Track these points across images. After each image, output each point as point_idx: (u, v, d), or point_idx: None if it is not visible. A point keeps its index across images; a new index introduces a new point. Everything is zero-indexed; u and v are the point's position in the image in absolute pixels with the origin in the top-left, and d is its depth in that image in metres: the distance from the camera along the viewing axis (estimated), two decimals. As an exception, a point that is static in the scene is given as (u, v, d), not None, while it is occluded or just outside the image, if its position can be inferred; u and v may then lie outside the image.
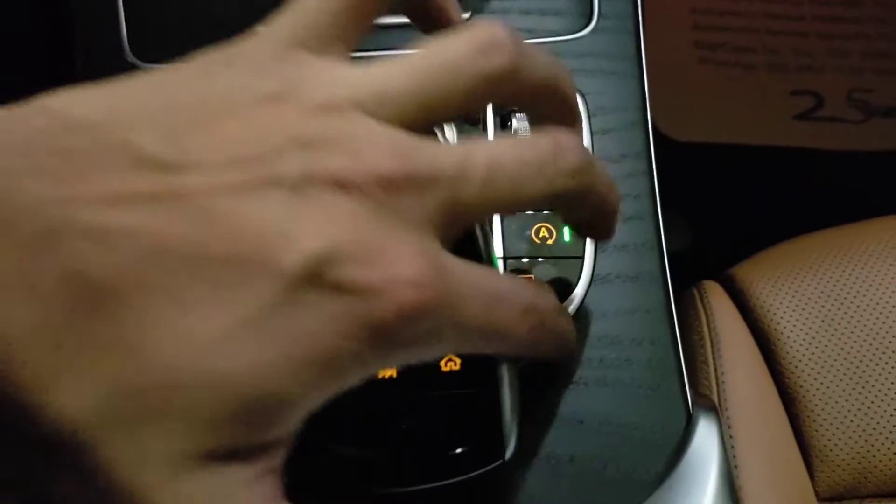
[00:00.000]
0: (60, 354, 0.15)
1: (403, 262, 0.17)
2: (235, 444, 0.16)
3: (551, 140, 0.20)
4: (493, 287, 0.19)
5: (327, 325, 0.16)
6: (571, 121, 0.23)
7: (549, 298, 0.22)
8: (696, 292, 0.50)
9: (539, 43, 0.39)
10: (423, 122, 0.20)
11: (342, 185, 0.17)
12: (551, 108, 0.22)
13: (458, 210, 0.19)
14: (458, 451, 0.26)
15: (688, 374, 0.32)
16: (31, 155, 0.16)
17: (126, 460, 0.16)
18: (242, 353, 0.16)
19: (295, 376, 0.16)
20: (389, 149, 0.18)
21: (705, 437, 0.30)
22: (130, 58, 0.38)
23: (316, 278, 0.16)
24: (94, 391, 0.15)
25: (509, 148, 0.20)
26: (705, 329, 0.48)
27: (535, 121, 0.23)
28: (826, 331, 0.46)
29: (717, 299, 0.49)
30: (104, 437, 0.15)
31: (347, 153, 0.18)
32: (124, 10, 0.38)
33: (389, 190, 0.18)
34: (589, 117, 0.37)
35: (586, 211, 0.23)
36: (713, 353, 0.47)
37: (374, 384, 0.24)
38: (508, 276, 0.22)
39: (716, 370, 0.46)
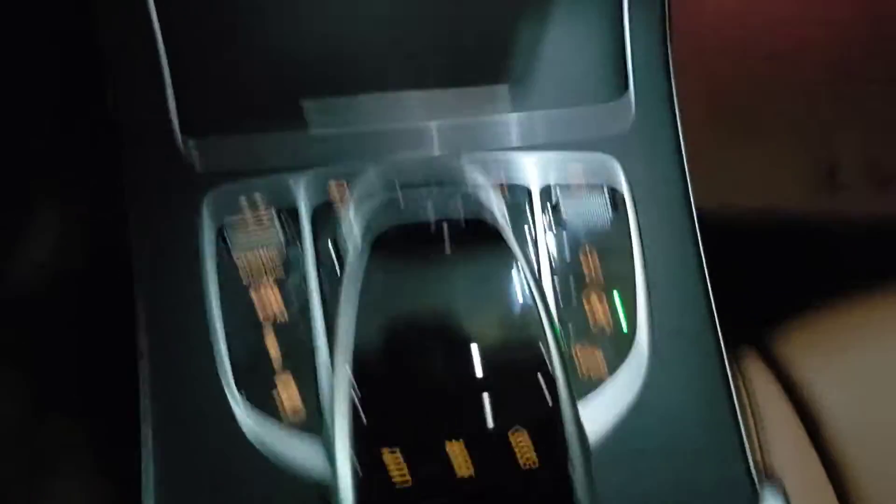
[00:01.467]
0: None
1: None
2: None
3: None
4: None
5: None
6: None
7: None
8: (732, 359, 0.50)
9: (576, 110, 0.39)
10: None
11: None
12: None
13: None
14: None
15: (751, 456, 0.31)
16: None
17: None
18: None
19: None
20: None
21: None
22: (178, 134, 0.37)
23: None
24: None
25: None
26: (745, 398, 0.47)
27: None
28: (872, 407, 0.46)
29: (755, 369, 0.49)
30: None
31: None
32: (172, 86, 0.38)
33: None
34: (631, 189, 0.37)
35: None
36: (756, 424, 0.46)
37: (453, 483, 0.24)
38: None
39: (759, 442, 0.45)
